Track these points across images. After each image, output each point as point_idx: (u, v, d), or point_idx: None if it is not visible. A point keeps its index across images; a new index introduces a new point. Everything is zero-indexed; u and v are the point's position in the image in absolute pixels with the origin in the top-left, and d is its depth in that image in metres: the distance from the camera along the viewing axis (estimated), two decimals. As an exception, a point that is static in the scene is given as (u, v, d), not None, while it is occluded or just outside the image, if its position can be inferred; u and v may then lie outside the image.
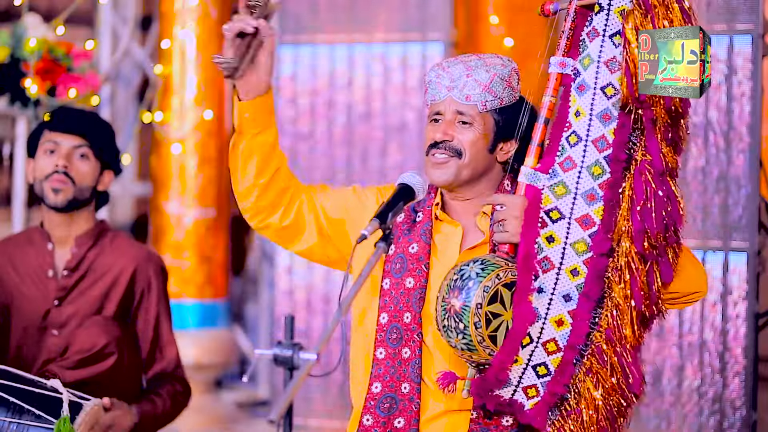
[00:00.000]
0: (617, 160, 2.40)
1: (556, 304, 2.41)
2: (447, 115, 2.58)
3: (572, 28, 2.48)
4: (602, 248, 2.39)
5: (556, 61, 2.48)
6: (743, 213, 4.11)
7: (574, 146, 2.44)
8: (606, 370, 2.38)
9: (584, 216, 2.42)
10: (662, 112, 2.37)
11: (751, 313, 4.11)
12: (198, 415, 4.94)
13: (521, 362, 2.41)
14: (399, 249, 2.61)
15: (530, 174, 2.46)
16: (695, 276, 2.50)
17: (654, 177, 2.37)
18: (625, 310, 2.38)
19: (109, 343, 3.10)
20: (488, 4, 5.37)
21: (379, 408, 2.56)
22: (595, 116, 2.43)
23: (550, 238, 2.43)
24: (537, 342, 2.41)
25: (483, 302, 2.37)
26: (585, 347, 2.39)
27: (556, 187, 2.44)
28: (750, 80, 4.09)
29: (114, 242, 3.29)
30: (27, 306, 3.23)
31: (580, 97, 2.45)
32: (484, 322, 2.38)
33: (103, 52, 5.40)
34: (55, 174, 3.18)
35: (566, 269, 2.42)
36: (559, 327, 2.41)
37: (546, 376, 2.41)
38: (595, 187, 2.42)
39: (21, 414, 2.82)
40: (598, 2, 2.44)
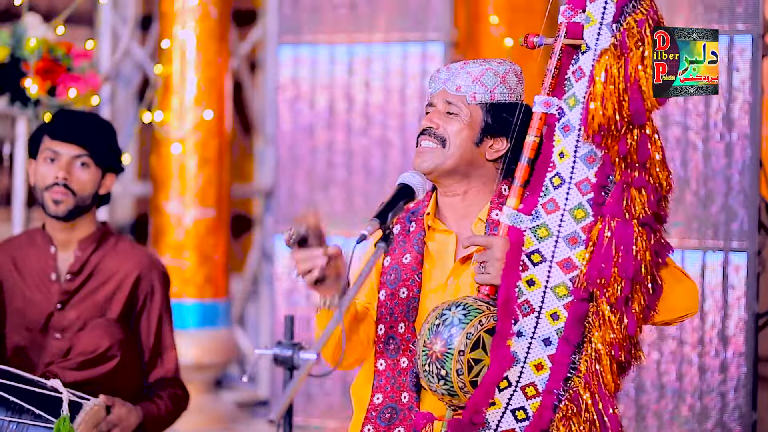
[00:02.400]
0: (597, 204, 2.37)
1: (535, 348, 2.38)
2: (438, 105, 2.59)
3: (557, 66, 2.44)
4: (582, 293, 2.35)
5: (540, 100, 2.45)
6: (743, 213, 4.11)
7: (557, 188, 2.41)
8: (580, 417, 2.35)
9: (566, 259, 2.38)
10: (615, 156, 2.33)
11: (751, 313, 4.11)
12: (198, 415, 4.94)
13: (500, 406, 2.38)
14: (394, 260, 2.61)
15: (513, 215, 2.43)
16: (682, 301, 2.45)
17: (616, 223, 2.33)
18: (604, 356, 2.34)
19: (111, 346, 3.10)
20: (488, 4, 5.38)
21: (380, 418, 2.56)
22: (579, 158, 2.40)
23: (530, 282, 2.39)
24: (516, 386, 2.38)
25: (466, 349, 2.35)
26: (563, 392, 2.36)
27: (539, 229, 2.41)
28: (750, 80, 4.09)
29: (117, 246, 3.29)
30: (29, 309, 3.22)
31: (564, 137, 2.42)
32: (466, 368, 2.35)
33: (103, 52, 5.40)
34: (55, 186, 3.17)
35: (546, 313, 2.38)
36: (538, 371, 2.38)
37: (525, 421, 2.38)
38: (577, 230, 2.38)
39: (21, 413, 2.82)
40: (585, 42, 2.40)
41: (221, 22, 5.22)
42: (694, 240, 4.17)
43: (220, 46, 5.21)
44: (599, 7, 2.39)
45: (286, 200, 5.09)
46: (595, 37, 2.39)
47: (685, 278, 2.48)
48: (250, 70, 5.95)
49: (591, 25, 2.40)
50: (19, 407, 2.83)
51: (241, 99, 5.85)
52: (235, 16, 5.56)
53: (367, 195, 4.92)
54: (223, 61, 5.24)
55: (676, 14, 4.14)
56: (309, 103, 5.03)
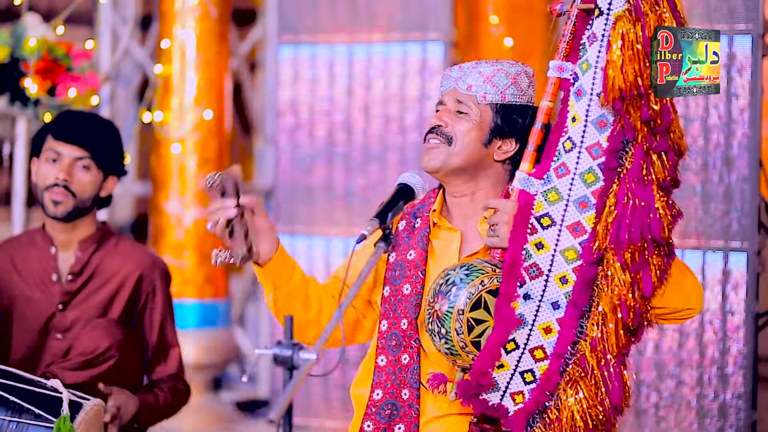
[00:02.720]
0: (609, 168, 2.37)
1: (544, 312, 2.39)
2: (448, 104, 2.60)
3: (573, 31, 2.44)
4: (592, 257, 2.35)
5: (554, 65, 2.45)
6: (743, 213, 4.11)
7: (568, 152, 2.42)
8: (588, 381, 2.35)
9: (575, 223, 2.39)
10: (638, 122, 2.33)
11: (751, 313, 4.11)
12: (198, 415, 4.94)
13: (508, 368, 2.39)
14: (399, 256, 2.62)
15: (524, 179, 2.44)
16: (687, 292, 2.45)
17: (635, 186, 2.33)
18: (610, 319, 2.34)
19: (111, 346, 3.10)
20: (488, 4, 5.38)
21: (380, 414, 2.56)
22: (590, 122, 2.40)
23: (539, 245, 2.40)
24: (524, 348, 2.39)
25: (465, 308, 2.36)
26: (570, 356, 2.37)
27: (549, 193, 2.42)
28: (750, 80, 4.09)
29: (118, 246, 3.29)
30: (30, 309, 3.22)
31: (577, 102, 2.42)
32: (466, 327, 2.36)
33: (103, 51, 5.40)
34: (55, 187, 3.17)
35: (555, 276, 2.39)
36: (546, 334, 2.39)
37: (532, 383, 2.38)
38: (587, 195, 2.39)
39: (21, 413, 2.82)
40: (598, 6, 2.40)
41: (221, 22, 5.22)
42: (694, 240, 4.17)
43: (220, 46, 5.21)
44: None
45: (286, 200, 5.09)
46: (608, 1, 2.39)
47: (692, 275, 2.49)
48: (250, 70, 5.95)
49: None
50: (19, 407, 2.83)
51: (241, 99, 5.85)
52: (235, 16, 5.56)
53: (366, 195, 4.92)
54: (223, 61, 5.24)
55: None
56: (309, 103, 5.03)
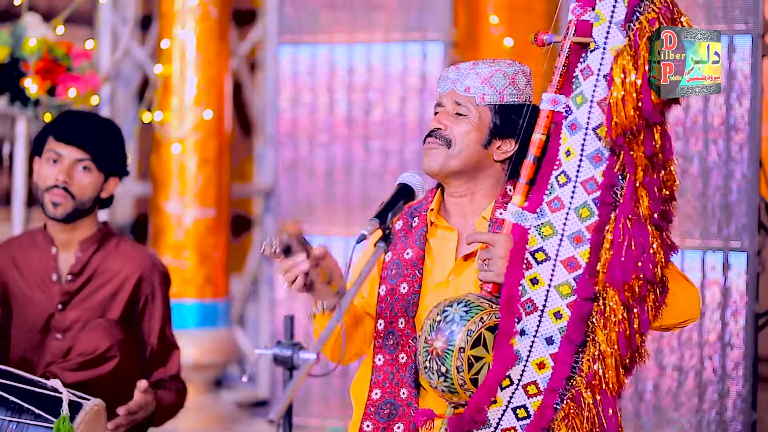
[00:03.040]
0: (604, 203, 2.36)
1: (538, 347, 2.38)
2: (447, 106, 2.59)
3: (566, 64, 2.43)
4: (587, 292, 2.35)
5: (547, 98, 2.44)
6: (743, 213, 4.11)
7: (563, 186, 2.41)
8: (582, 417, 2.34)
9: (570, 258, 2.38)
10: (642, 157, 2.32)
11: (751, 313, 4.11)
12: (198, 415, 4.94)
13: (501, 404, 2.38)
14: (395, 255, 2.61)
15: (517, 213, 2.43)
16: (685, 306, 2.45)
17: (632, 223, 2.32)
18: (609, 356, 2.33)
19: (111, 347, 3.10)
20: (488, 4, 5.38)
21: (379, 414, 2.56)
22: (585, 157, 2.40)
23: (534, 280, 2.39)
24: (518, 384, 2.38)
25: (466, 346, 2.34)
26: (565, 391, 2.35)
27: (543, 227, 2.41)
28: (750, 80, 4.09)
29: (119, 247, 3.29)
30: (30, 309, 3.22)
31: (571, 136, 2.41)
32: (467, 366, 2.35)
33: (103, 51, 5.40)
34: (55, 188, 3.17)
35: (549, 312, 2.38)
36: (540, 370, 2.38)
37: (525, 419, 2.37)
38: (582, 230, 2.38)
39: (20, 413, 2.82)
40: (594, 40, 2.40)
41: (221, 22, 5.22)
42: (694, 240, 4.17)
43: (220, 46, 5.21)
44: (609, 5, 2.39)
45: (286, 200, 5.09)
46: (604, 35, 2.39)
47: (688, 283, 2.49)
48: (250, 70, 5.95)
49: (600, 24, 2.40)
50: (19, 407, 2.82)
51: (241, 99, 5.85)
52: (235, 16, 5.56)
53: (366, 195, 4.92)
54: (223, 61, 5.24)
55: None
56: (309, 103, 5.03)
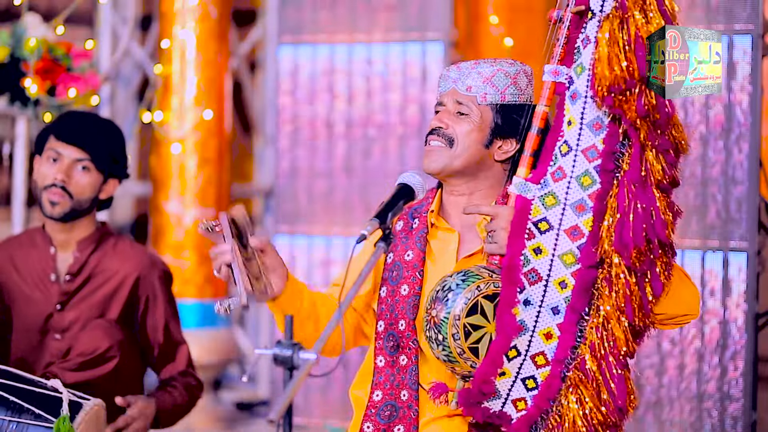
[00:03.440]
0: (606, 170, 2.36)
1: (544, 317, 2.39)
2: (448, 105, 2.60)
3: (567, 35, 2.44)
4: (590, 260, 2.35)
5: (549, 69, 2.45)
6: (743, 213, 4.11)
7: (565, 156, 2.42)
8: (589, 385, 2.34)
9: (573, 227, 2.38)
10: (636, 117, 2.32)
11: (751, 313, 4.11)
12: (198, 415, 4.93)
13: (510, 375, 2.38)
14: (396, 257, 2.62)
15: (521, 184, 2.44)
16: (686, 298, 2.45)
17: (636, 188, 2.32)
18: (614, 322, 2.33)
19: (111, 347, 3.10)
20: (488, 4, 5.38)
21: (380, 416, 2.56)
22: (585, 125, 2.40)
23: (537, 250, 2.40)
24: (525, 355, 2.38)
25: (461, 314, 2.35)
26: (571, 361, 2.36)
27: (546, 197, 2.41)
28: (750, 80, 4.09)
29: (117, 247, 3.29)
30: (29, 309, 3.22)
31: (572, 105, 2.42)
32: (463, 333, 2.36)
33: (103, 51, 5.39)
34: (53, 187, 3.17)
35: (554, 281, 2.39)
36: (547, 340, 2.38)
37: (534, 390, 2.38)
38: (584, 198, 2.39)
39: (20, 413, 2.82)
40: (590, 8, 2.41)
41: (221, 22, 5.21)
42: (694, 240, 4.17)
43: (220, 46, 5.21)
44: None
45: (286, 200, 5.09)
46: (600, 2, 2.40)
47: (688, 280, 2.49)
48: (250, 70, 5.95)
49: None
50: (19, 407, 2.83)
51: (241, 99, 5.85)
52: (235, 16, 5.56)
53: (366, 195, 4.92)
54: (223, 61, 5.24)
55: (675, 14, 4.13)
56: (309, 103, 5.03)
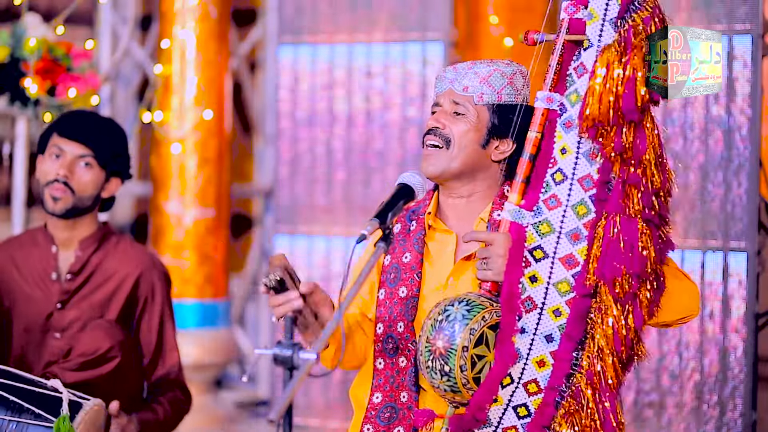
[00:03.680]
0: (600, 200, 2.37)
1: (537, 345, 2.38)
2: (444, 105, 2.59)
3: (559, 62, 2.43)
4: (585, 289, 2.35)
5: (542, 96, 2.44)
6: (743, 213, 4.11)
7: (559, 184, 2.41)
8: (583, 414, 2.34)
9: (568, 255, 2.38)
10: (611, 151, 2.32)
11: (751, 313, 4.11)
12: (198, 415, 4.93)
13: (501, 402, 2.38)
14: (394, 259, 2.61)
15: (515, 211, 2.43)
16: (684, 302, 2.44)
17: (621, 219, 2.32)
18: (607, 352, 2.33)
19: (112, 347, 3.10)
20: (488, 4, 5.38)
21: (380, 417, 2.56)
22: (581, 154, 2.40)
23: (533, 278, 2.39)
24: (518, 382, 2.38)
25: (469, 345, 2.34)
26: (565, 389, 2.36)
27: (541, 225, 2.41)
28: (750, 80, 4.09)
29: (118, 246, 3.29)
30: (29, 308, 3.22)
31: (566, 133, 2.42)
32: (470, 365, 2.35)
33: (103, 51, 5.40)
34: (55, 182, 3.17)
35: (549, 309, 2.38)
36: (540, 368, 2.38)
37: (526, 417, 2.37)
38: (579, 227, 2.38)
39: (20, 413, 2.82)
40: (588, 38, 2.40)
41: (221, 22, 5.22)
42: (694, 240, 4.18)
43: (220, 46, 5.21)
44: (602, 3, 2.40)
45: (286, 200, 5.09)
46: (597, 33, 2.39)
47: (686, 279, 2.48)
48: (250, 70, 5.95)
49: (594, 21, 2.40)
50: (19, 407, 2.82)
51: (241, 99, 5.85)
52: (235, 16, 5.56)
53: (366, 195, 4.92)
54: (223, 61, 5.24)
55: (676, 14, 4.14)
56: (309, 103, 5.03)
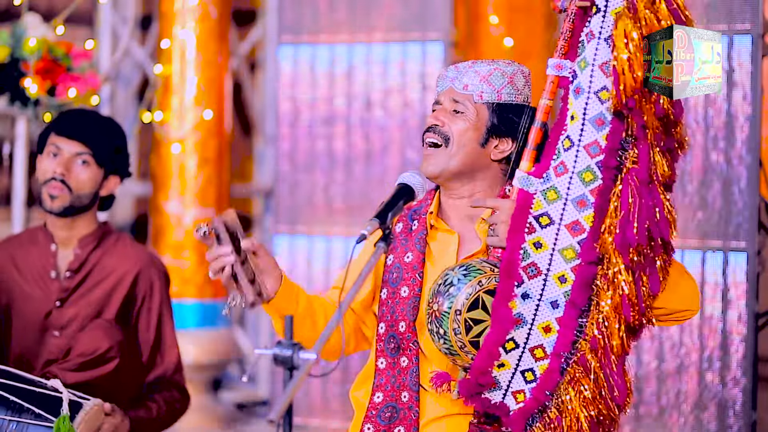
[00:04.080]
0: (608, 167, 2.36)
1: (543, 311, 2.39)
2: (444, 103, 2.60)
3: (571, 29, 2.44)
4: (591, 256, 2.35)
5: (553, 63, 2.44)
6: (743, 213, 4.11)
7: (567, 150, 2.41)
8: (589, 380, 2.34)
9: (574, 222, 2.38)
10: (653, 119, 2.32)
11: (751, 313, 4.11)
12: (198, 415, 4.94)
13: (509, 367, 2.39)
14: (396, 259, 2.62)
15: (523, 178, 2.43)
16: (686, 293, 2.44)
17: (641, 186, 2.32)
18: (613, 320, 2.33)
19: (111, 347, 3.10)
20: (488, 4, 5.38)
21: (380, 417, 2.56)
22: (588, 120, 2.39)
23: (537, 244, 2.40)
24: (524, 347, 2.38)
25: (462, 308, 2.35)
26: (570, 355, 2.36)
27: (548, 192, 2.41)
28: (750, 80, 4.09)
29: (117, 245, 3.29)
30: (28, 306, 3.23)
31: (575, 100, 2.41)
32: (464, 328, 2.36)
33: (103, 51, 5.40)
34: (52, 180, 3.18)
35: (554, 276, 2.38)
36: (546, 333, 2.38)
37: (532, 382, 2.38)
38: (585, 194, 2.38)
39: (21, 413, 2.82)
40: (596, 3, 2.40)
41: (221, 22, 5.22)
42: (694, 240, 4.17)
43: (220, 46, 5.21)
44: None
45: (286, 200, 5.09)
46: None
47: (687, 275, 2.48)
48: (250, 70, 5.95)
49: None
50: (19, 406, 2.83)
51: (241, 99, 5.85)
52: (235, 16, 5.56)
53: (367, 195, 4.92)
54: (223, 61, 5.24)
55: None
56: (309, 103, 5.03)
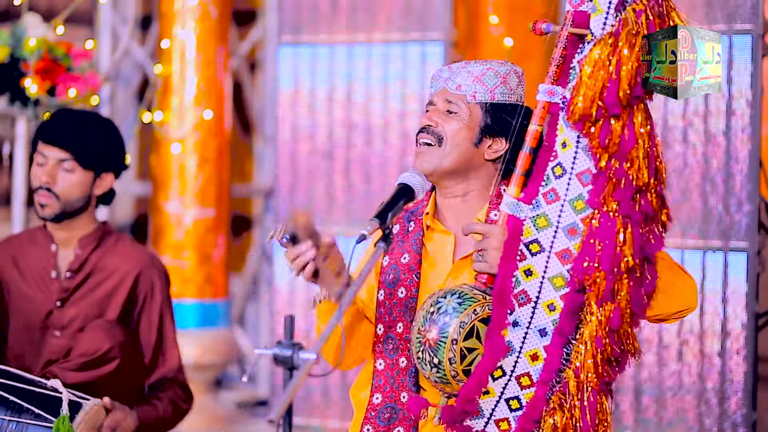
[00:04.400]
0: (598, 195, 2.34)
1: (531, 339, 2.38)
2: (438, 103, 2.59)
3: (563, 55, 2.42)
4: (579, 285, 2.33)
5: (544, 88, 2.42)
6: (743, 213, 4.11)
7: (558, 178, 2.40)
8: (566, 408, 2.33)
9: (564, 250, 2.37)
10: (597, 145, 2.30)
11: (751, 313, 4.11)
12: (198, 415, 4.93)
13: (494, 395, 2.38)
14: (392, 260, 2.61)
15: (513, 204, 2.41)
16: (682, 294, 2.43)
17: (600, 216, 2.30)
18: (590, 349, 2.33)
19: (112, 348, 3.10)
20: (488, 4, 5.38)
21: (380, 418, 2.56)
22: (581, 149, 2.38)
23: (528, 272, 2.39)
24: (510, 375, 2.38)
25: (459, 338, 2.34)
26: (555, 383, 2.35)
27: (538, 218, 2.40)
28: (750, 80, 4.09)
29: (118, 245, 3.29)
30: (29, 306, 3.23)
31: (567, 127, 2.40)
32: (459, 357, 2.35)
33: (103, 51, 5.40)
34: (40, 189, 3.17)
35: (543, 303, 2.38)
36: (533, 361, 2.37)
37: (518, 410, 2.37)
38: (576, 222, 2.37)
39: (20, 413, 2.82)
40: (591, 31, 2.39)
41: (221, 22, 5.22)
42: (694, 240, 4.17)
43: (220, 46, 5.21)
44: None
45: (286, 200, 5.09)
46: (601, 26, 2.38)
47: (683, 273, 2.46)
48: (249, 70, 5.95)
49: (598, 14, 2.39)
50: (18, 407, 2.83)
51: (241, 99, 5.85)
52: (235, 16, 5.56)
53: (366, 195, 4.92)
54: (223, 61, 5.24)
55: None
56: (309, 103, 5.03)
